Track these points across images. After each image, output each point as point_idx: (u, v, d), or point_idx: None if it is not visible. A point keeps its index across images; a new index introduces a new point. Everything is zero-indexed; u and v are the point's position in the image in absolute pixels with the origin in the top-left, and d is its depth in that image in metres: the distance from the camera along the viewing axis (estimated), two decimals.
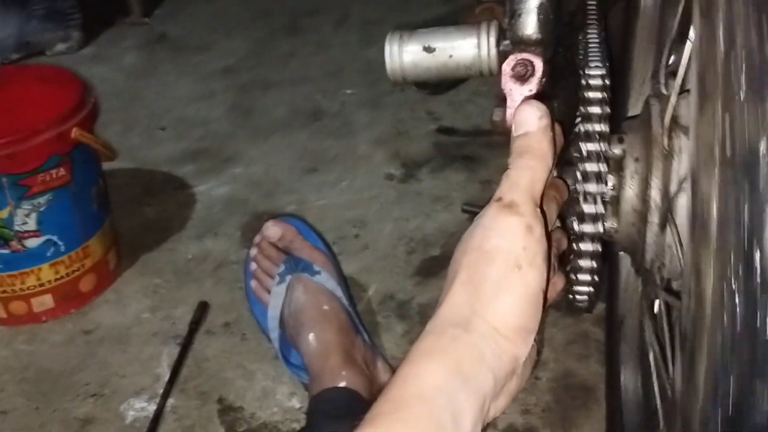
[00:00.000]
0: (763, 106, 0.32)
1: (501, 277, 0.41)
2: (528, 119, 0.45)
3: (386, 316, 1.10)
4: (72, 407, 0.95)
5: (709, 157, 0.35)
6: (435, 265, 1.19)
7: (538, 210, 0.43)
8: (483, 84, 1.67)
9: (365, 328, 0.98)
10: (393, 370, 0.94)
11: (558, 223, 0.58)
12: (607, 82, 0.64)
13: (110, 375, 0.99)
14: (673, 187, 0.55)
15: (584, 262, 0.62)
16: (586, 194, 0.61)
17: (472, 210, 1.32)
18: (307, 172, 1.41)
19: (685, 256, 0.46)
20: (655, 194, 0.55)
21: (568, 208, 0.62)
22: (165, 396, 0.95)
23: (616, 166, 0.62)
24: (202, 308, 1.08)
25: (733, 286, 0.33)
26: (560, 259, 0.54)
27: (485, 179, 1.39)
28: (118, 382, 0.98)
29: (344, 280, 1.02)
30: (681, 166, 0.54)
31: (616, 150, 0.62)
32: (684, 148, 0.55)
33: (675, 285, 0.62)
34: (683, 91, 0.55)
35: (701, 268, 0.36)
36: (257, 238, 1.01)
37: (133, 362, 1.01)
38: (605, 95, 0.63)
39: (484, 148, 1.51)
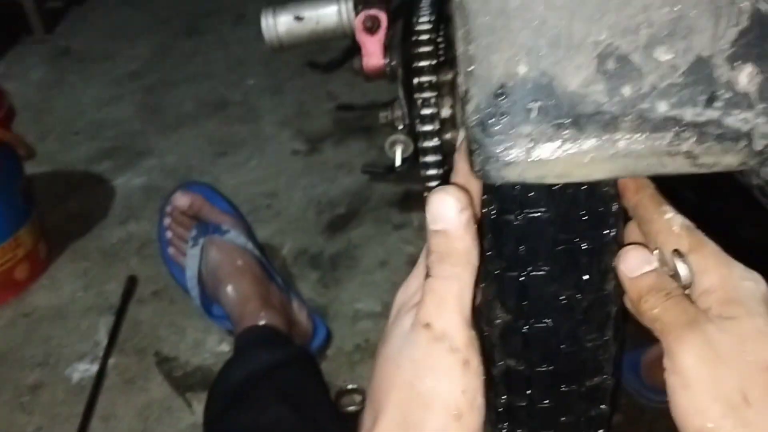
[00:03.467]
0: None
1: (440, 427, 0.38)
2: (445, 213, 0.39)
3: (301, 268, 1.22)
4: (21, 377, 1.05)
5: None
6: (342, 221, 1.32)
7: (473, 332, 0.40)
8: None
9: (279, 274, 1.10)
10: (308, 308, 1.08)
11: None
12: (433, 27, 0.78)
13: (53, 347, 1.09)
14: None
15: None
16: (423, 117, 0.75)
17: (371, 170, 1.45)
18: (218, 156, 1.53)
19: None
20: None
21: None
22: (106, 356, 1.06)
23: (450, 89, 0.76)
24: (131, 281, 1.19)
25: None
26: None
27: (383, 145, 1.53)
28: (61, 351, 1.08)
29: (253, 236, 1.14)
30: None
31: (449, 75, 0.76)
32: None
33: None
34: None
35: None
36: (168, 208, 1.12)
37: (72, 334, 1.11)
38: (432, 37, 0.77)
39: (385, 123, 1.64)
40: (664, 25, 0.26)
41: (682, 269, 0.41)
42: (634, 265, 0.43)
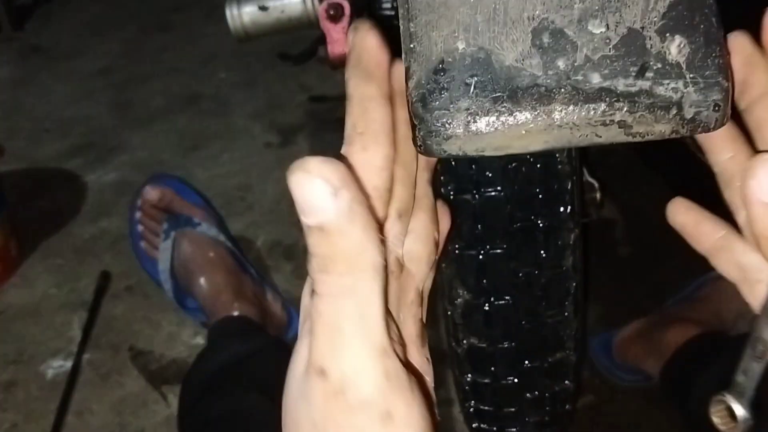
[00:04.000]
0: None
1: None
2: (314, 201, 0.26)
3: (276, 260, 1.22)
4: None
5: None
6: None
7: (393, 362, 0.28)
8: None
9: (252, 265, 1.10)
10: (282, 298, 1.08)
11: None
12: (396, 14, 0.79)
13: (27, 344, 1.09)
14: None
15: None
16: None
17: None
18: (190, 150, 1.52)
19: None
20: None
21: None
22: (80, 352, 1.05)
23: None
24: (105, 277, 1.18)
25: None
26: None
27: None
28: (35, 348, 1.08)
29: (225, 227, 1.14)
30: None
31: None
32: None
33: None
34: None
35: None
36: (138, 202, 1.12)
37: (46, 330, 1.11)
38: (395, 23, 0.78)
39: None
40: None
41: None
42: None
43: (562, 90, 0.27)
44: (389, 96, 0.30)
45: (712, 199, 0.39)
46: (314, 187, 0.26)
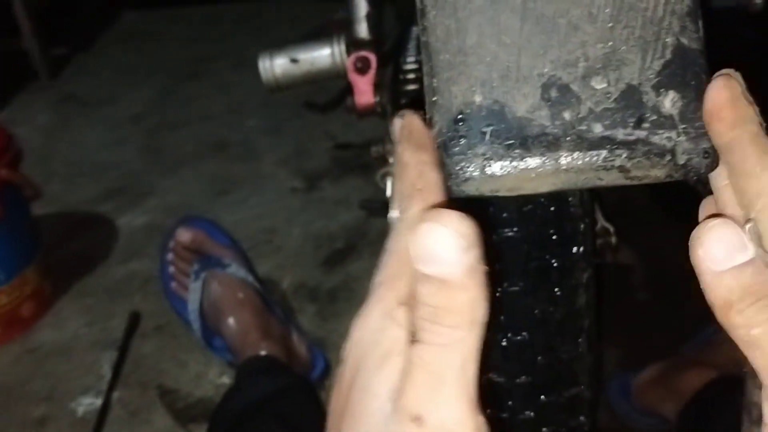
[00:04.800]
0: None
1: None
2: (443, 253, 0.27)
3: (300, 302, 1.25)
4: (27, 411, 1.07)
5: None
6: (339, 256, 1.36)
7: (480, 418, 0.28)
8: None
9: (279, 307, 1.13)
10: (307, 339, 1.11)
11: None
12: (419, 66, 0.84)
13: (58, 381, 1.12)
14: None
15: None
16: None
17: (369, 206, 1.50)
18: (218, 194, 1.57)
19: None
20: None
21: None
22: (110, 390, 1.08)
23: None
24: (134, 317, 1.22)
25: None
26: None
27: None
28: (66, 385, 1.11)
29: (253, 269, 1.17)
30: None
31: None
32: None
33: None
34: None
35: None
36: (171, 243, 1.16)
37: (77, 368, 1.14)
38: (418, 75, 0.82)
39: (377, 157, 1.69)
40: (599, 58, 0.31)
41: None
42: (719, 252, 0.28)
43: (568, 138, 0.30)
44: (438, 165, 0.32)
45: None
46: (448, 240, 0.26)
